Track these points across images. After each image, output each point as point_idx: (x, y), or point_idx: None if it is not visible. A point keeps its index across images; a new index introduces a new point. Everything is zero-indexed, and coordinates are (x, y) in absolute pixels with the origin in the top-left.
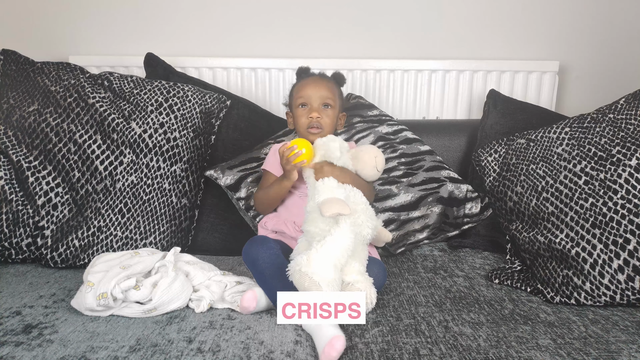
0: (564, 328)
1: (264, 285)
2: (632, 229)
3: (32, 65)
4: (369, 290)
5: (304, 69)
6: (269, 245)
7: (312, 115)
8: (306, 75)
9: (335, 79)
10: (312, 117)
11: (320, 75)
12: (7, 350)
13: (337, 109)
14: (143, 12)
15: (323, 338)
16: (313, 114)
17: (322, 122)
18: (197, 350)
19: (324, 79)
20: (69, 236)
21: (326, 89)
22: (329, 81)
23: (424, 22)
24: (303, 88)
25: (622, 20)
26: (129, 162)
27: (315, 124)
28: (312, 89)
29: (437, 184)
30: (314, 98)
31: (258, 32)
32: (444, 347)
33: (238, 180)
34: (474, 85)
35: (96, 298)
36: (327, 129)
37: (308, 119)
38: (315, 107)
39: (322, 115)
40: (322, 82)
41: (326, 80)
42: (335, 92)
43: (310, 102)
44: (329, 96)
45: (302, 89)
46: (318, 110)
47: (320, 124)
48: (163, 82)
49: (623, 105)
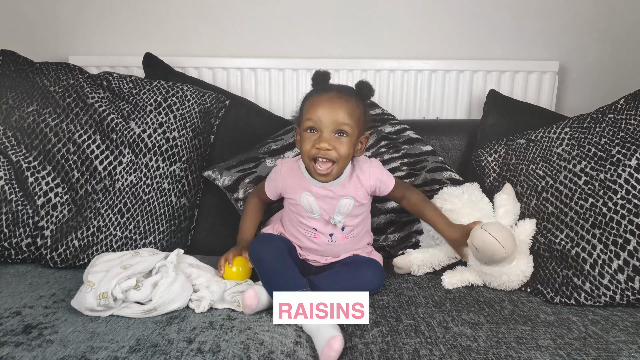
0: (564, 328)
1: (268, 284)
2: (632, 229)
3: (31, 65)
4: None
5: (322, 75)
6: (274, 244)
7: (320, 145)
8: (321, 89)
9: (359, 93)
10: (320, 148)
11: (338, 91)
12: (7, 350)
13: (355, 135)
14: (143, 12)
15: (322, 338)
16: (322, 144)
17: (333, 154)
18: (197, 350)
19: (342, 98)
20: (68, 236)
21: (343, 111)
22: (349, 99)
23: (424, 22)
24: (314, 108)
25: (622, 21)
26: (128, 162)
27: (323, 157)
28: (325, 111)
29: (439, 186)
30: (326, 123)
31: (258, 32)
32: (443, 348)
33: (236, 181)
34: (474, 85)
35: (96, 298)
36: (341, 162)
37: (315, 149)
38: (325, 135)
39: (335, 145)
40: (339, 102)
41: (345, 99)
42: (355, 114)
43: (320, 128)
44: (346, 122)
45: (312, 109)
46: (329, 139)
47: (330, 157)
48: (162, 82)
49: (623, 105)
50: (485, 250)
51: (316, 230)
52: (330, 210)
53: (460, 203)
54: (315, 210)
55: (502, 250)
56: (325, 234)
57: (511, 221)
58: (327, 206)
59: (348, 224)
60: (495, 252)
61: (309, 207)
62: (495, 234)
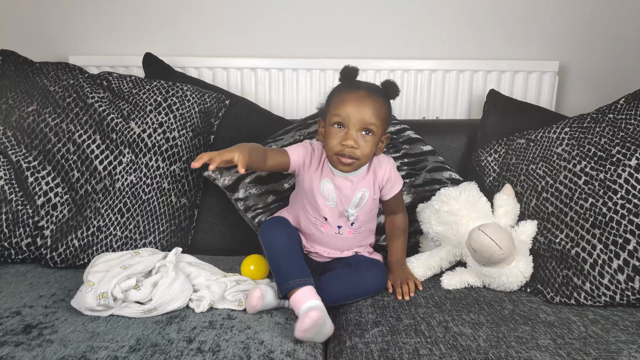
0: (564, 328)
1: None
2: (632, 229)
3: (30, 65)
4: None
5: (350, 71)
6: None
7: (346, 142)
8: (350, 86)
9: (386, 92)
10: (346, 145)
11: (367, 90)
12: (7, 350)
13: (379, 134)
14: (143, 12)
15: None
16: (348, 141)
17: (358, 152)
18: (197, 350)
19: (370, 97)
20: (68, 236)
21: (372, 110)
22: (377, 99)
23: (424, 22)
24: (343, 104)
25: (622, 21)
26: (128, 162)
27: (349, 153)
28: (354, 108)
29: (439, 186)
30: (354, 120)
31: (258, 32)
32: (443, 347)
33: (236, 180)
34: (474, 85)
35: (96, 298)
36: (363, 160)
37: (341, 145)
38: (352, 133)
39: (360, 144)
40: (368, 101)
41: (373, 99)
42: (381, 113)
43: (348, 125)
44: (373, 121)
45: (341, 105)
46: (356, 137)
47: (355, 154)
48: (162, 82)
49: (623, 105)
50: (483, 252)
51: (326, 219)
52: (346, 202)
53: (458, 205)
54: (332, 199)
55: (500, 251)
56: (333, 225)
57: (511, 221)
58: (344, 197)
59: (358, 219)
60: (493, 254)
61: (327, 194)
62: (493, 235)
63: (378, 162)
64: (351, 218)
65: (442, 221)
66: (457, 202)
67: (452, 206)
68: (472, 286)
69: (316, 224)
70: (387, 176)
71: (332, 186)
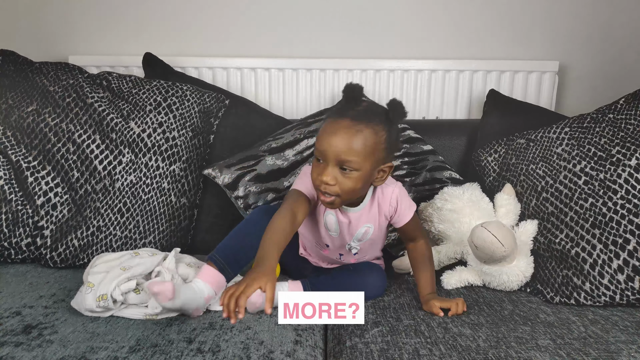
0: (564, 328)
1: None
2: (631, 229)
3: (30, 65)
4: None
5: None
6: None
7: (321, 179)
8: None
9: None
10: (322, 180)
11: (352, 119)
12: (7, 350)
13: (368, 168)
14: (143, 12)
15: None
16: (323, 177)
17: (334, 190)
18: (197, 350)
19: (352, 128)
20: (68, 236)
21: (349, 144)
22: (362, 129)
23: (424, 22)
24: (321, 135)
25: (621, 21)
26: (128, 162)
27: (325, 190)
28: (330, 142)
29: (439, 185)
30: (329, 156)
31: (258, 32)
32: (443, 347)
33: (236, 178)
34: (474, 85)
35: (96, 299)
36: (346, 196)
37: (319, 180)
38: (329, 169)
39: (339, 179)
40: (348, 133)
41: (355, 130)
42: (368, 145)
43: (325, 159)
44: (350, 158)
45: (320, 137)
46: (333, 173)
47: (332, 191)
48: (162, 82)
49: (623, 105)
50: (485, 249)
51: (328, 246)
52: (349, 236)
53: (461, 203)
54: (334, 230)
55: (502, 248)
56: (335, 252)
57: (512, 221)
58: (347, 231)
59: (362, 250)
60: (495, 251)
61: (329, 225)
62: (495, 232)
63: (382, 194)
64: (353, 251)
65: (444, 219)
66: (460, 200)
67: (455, 204)
68: (472, 285)
69: (317, 244)
70: (392, 207)
71: (335, 219)
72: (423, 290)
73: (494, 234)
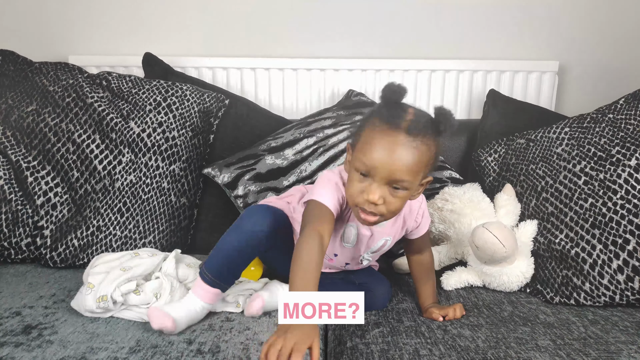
0: (564, 329)
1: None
2: (631, 229)
3: (30, 65)
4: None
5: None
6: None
7: (369, 197)
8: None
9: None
10: (369, 200)
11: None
12: (7, 350)
13: (416, 185)
14: (143, 12)
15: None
16: (371, 196)
17: (383, 209)
18: (197, 351)
19: (411, 144)
20: (68, 236)
21: (407, 163)
22: (419, 146)
23: (424, 22)
24: (371, 150)
25: (621, 21)
26: (128, 162)
27: (371, 210)
28: (384, 158)
29: (439, 185)
30: (382, 174)
31: (258, 32)
32: (443, 348)
33: (235, 178)
34: (474, 85)
35: (96, 300)
36: (389, 216)
37: (362, 198)
38: (376, 187)
39: (388, 199)
40: (407, 150)
41: (413, 147)
42: (422, 161)
43: (373, 176)
44: (406, 177)
45: (369, 150)
46: (382, 192)
47: (378, 211)
48: (161, 82)
49: (623, 105)
50: (486, 249)
51: (335, 255)
52: (365, 248)
53: (461, 203)
54: (351, 241)
55: (503, 249)
56: (341, 262)
57: (512, 222)
58: (365, 242)
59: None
60: (496, 251)
61: (347, 237)
62: (496, 232)
63: (409, 209)
64: (364, 263)
65: (444, 219)
66: (460, 200)
67: (455, 205)
68: (471, 285)
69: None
70: (417, 223)
71: (356, 232)
72: (425, 302)
73: (495, 234)
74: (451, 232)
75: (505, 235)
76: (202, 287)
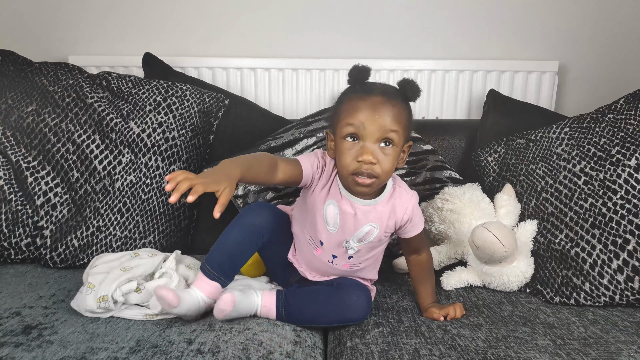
0: (564, 329)
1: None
2: (631, 229)
3: (30, 65)
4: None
5: (362, 72)
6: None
7: (363, 158)
8: (363, 90)
9: (404, 94)
10: (364, 160)
11: (383, 93)
12: (7, 351)
13: (400, 145)
14: (143, 12)
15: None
16: (365, 156)
17: (378, 169)
18: (197, 351)
19: (390, 100)
20: (68, 236)
21: (392, 115)
22: (397, 102)
23: (424, 22)
24: (356, 111)
25: (621, 21)
26: (128, 162)
27: (367, 171)
28: (370, 115)
29: (439, 185)
30: (371, 130)
31: (258, 32)
32: (443, 348)
33: None
34: (474, 85)
35: (96, 300)
36: (383, 178)
37: (356, 162)
38: (369, 145)
39: (379, 158)
40: (387, 105)
41: (393, 102)
42: (402, 118)
43: (363, 136)
44: (394, 127)
45: (354, 113)
46: (373, 150)
47: (374, 172)
48: (161, 82)
49: (622, 105)
50: (486, 249)
51: (322, 244)
52: (349, 232)
53: (462, 203)
54: (333, 224)
55: (503, 248)
56: (327, 253)
57: (512, 222)
58: (347, 226)
59: (358, 254)
60: (496, 251)
61: (329, 218)
62: (496, 232)
63: (399, 197)
64: (350, 251)
65: (444, 219)
66: (460, 200)
67: (455, 204)
68: (471, 285)
69: (310, 244)
70: (407, 216)
71: (337, 210)
72: (424, 302)
73: (495, 234)
74: (451, 232)
75: (505, 235)
76: (202, 280)
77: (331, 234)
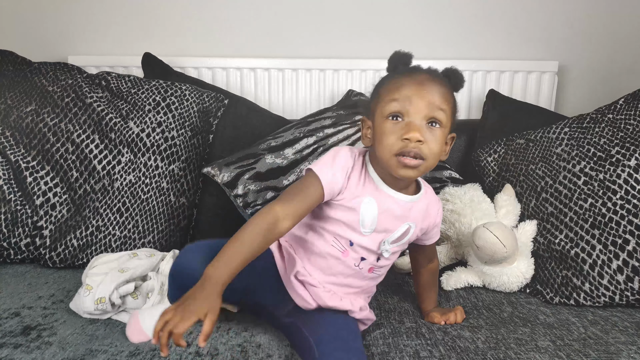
0: (563, 329)
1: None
2: (631, 230)
3: (29, 65)
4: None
5: (403, 58)
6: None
7: (409, 136)
8: (407, 70)
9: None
10: (410, 139)
11: (430, 72)
12: (6, 352)
13: (447, 129)
14: (142, 12)
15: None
16: (412, 134)
17: (426, 149)
18: (195, 354)
19: (436, 79)
20: (67, 236)
21: (440, 93)
22: (443, 84)
23: (424, 22)
24: (402, 86)
25: (621, 21)
26: (127, 162)
27: (414, 151)
28: (417, 90)
29: (439, 184)
30: (418, 106)
31: (258, 32)
32: (443, 349)
33: (235, 177)
34: (473, 85)
35: (94, 302)
36: (430, 162)
37: (402, 140)
38: (416, 123)
39: (427, 137)
40: (435, 82)
41: (439, 82)
42: (451, 99)
43: (409, 114)
44: (443, 106)
45: (399, 87)
46: (420, 128)
47: (421, 152)
48: (160, 82)
49: (622, 105)
50: (487, 249)
51: (351, 244)
52: (386, 231)
53: (462, 203)
54: (369, 225)
55: (504, 249)
56: (357, 254)
57: (512, 222)
58: (386, 223)
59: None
60: (497, 251)
61: (367, 220)
62: (497, 232)
63: (431, 196)
64: (385, 254)
65: (445, 219)
66: (461, 201)
67: (456, 205)
68: (471, 286)
69: (334, 245)
70: (439, 218)
71: (376, 211)
72: (427, 307)
73: (495, 234)
74: (451, 232)
75: (505, 236)
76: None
77: (365, 235)
